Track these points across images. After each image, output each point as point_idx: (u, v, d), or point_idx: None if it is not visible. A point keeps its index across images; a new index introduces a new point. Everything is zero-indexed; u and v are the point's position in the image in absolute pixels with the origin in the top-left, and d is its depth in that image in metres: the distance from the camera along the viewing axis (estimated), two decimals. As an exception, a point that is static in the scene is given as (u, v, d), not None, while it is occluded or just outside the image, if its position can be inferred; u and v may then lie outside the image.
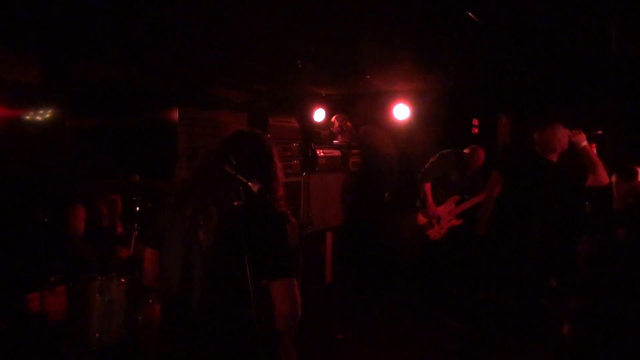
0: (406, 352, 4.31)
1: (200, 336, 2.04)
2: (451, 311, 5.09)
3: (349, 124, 6.40)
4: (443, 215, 5.39)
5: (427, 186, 5.33)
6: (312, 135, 6.16)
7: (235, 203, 1.97)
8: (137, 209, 3.61)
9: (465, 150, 5.34)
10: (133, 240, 3.57)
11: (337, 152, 6.23)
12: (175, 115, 5.22)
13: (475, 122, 6.20)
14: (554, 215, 3.92)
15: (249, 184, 2.00)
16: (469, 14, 2.96)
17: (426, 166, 5.38)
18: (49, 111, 4.02)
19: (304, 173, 5.91)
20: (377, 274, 6.16)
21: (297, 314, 2.05)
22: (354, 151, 6.43)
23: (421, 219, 5.47)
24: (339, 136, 6.47)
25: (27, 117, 3.93)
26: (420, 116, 6.20)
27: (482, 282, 5.26)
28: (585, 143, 3.92)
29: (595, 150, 4.05)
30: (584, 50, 4.03)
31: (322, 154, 6.04)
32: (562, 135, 3.94)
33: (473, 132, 6.18)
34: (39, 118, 3.98)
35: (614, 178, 4.11)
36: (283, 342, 2.16)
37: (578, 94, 5.30)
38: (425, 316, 5.10)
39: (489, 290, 5.19)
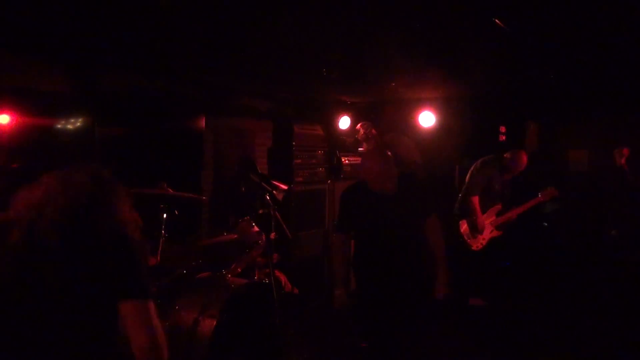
0: (432, 361, 4.25)
1: None
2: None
3: (374, 131, 6.38)
4: (485, 226, 5.30)
5: (475, 199, 5.19)
6: (337, 142, 6.16)
7: (260, 211, 1.91)
8: (164, 216, 3.65)
9: (506, 155, 5.24)
10: (160, 247, 3.61)
11: (362, 160, 6.22)
12: (202, 123, 5.27)
13: (502, 129, 6.12)
14: None
15: (274, 191, 1.95)
16: (496, 20, 2.93)
17: (470, 179, 5.27)
18: (79, 120, 4.10)
19: (329, 180, 5.92)
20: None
21: (161, 349, 1.68)
22: (379, 158, 6.40)
23: (464, 228, 5.37)
24: (364, 143, 6.45)
25: (58, 126, 4.02)
26: (446, 124, 6.14)
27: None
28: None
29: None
30: (614, 56, 3.94)
31: (347, 161, 6.04)
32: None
33: (500, 139, 6.10)
34: (69, 127, 4.06)
35: None
36: None
37: (607, 100, 5.20)
38: (451, 325, 5.03)
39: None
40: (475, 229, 5.23)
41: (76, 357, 1.68)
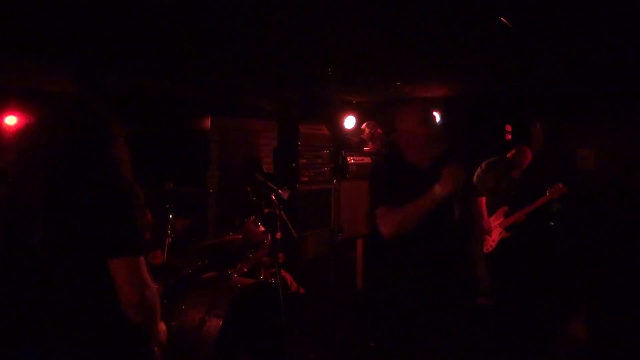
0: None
1: None
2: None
3: (379, 130, 6.38)
4: (494, 227, 5.28)
5: (483, 200, 5.13)
6: (343, 142, 6.15)
7: (266, 210, 1.92)
8: (170, 216, 3.66)
9: (510, 153, 5.22)
10: (167, 247, 3.61)
11: (367, 159, 6.21)
12: (208, 124, 5.29)
13: (508, 128, 6.10)
14: None
15: (280, 191, 1.95)
16: (502, 19, 2.92)
17: (476, 180, 5.25)
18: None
19: (335, 180, 5.91)
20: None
21: (151, 301, 1.66)
22: (385, 158, 6.40)
23: None
24: (370, 143, 6.45)
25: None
26: (452, 123, 6.13)
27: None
28: None
29: None
30: (622, 54, 3.92)
31: (352, 161, 6.03)
32: None
33: (506, 138, 6.08)
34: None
35: None
36: (147, 345, 1.79)
37: (614, 99, 5.17)
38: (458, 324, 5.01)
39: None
40: (483, 231, 5.21)
41: (68, 316, 1.64)
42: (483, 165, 5.26)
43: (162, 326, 1.88)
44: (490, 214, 5.22)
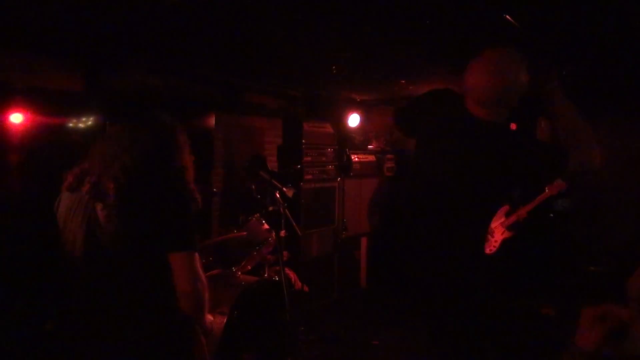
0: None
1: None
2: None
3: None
4: (496, 228, 5.23)
5: None
6: (347, 140, 6.16)
7: (270, 208, 1.99)
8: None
9: None
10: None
11: (371, 157, 6.22)
12: (212, 121, 5.29)
13: (513, 126, 6.08)
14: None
15: (284, 188, 2.01)
16: (507, 17, 2.91)
17: None
18: (91, 118, 4.13)
19: (339, 178, 5.92)
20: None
21: (201, 293, 1.93)
22: (389, 156, 6.40)
23: None
24: (374, 141, 6.45)
25: (70, 125, 4.06)
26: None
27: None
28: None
29: None
30: (626, 53, 3.91)
31: (356, 159, 6.04)
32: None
33: (511, 136, 6.06)
34: (81, 125, 4.10)
35: None
36: (194, 331, 2.07)
37: (619, 98, 5.15)
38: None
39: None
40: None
41: (132, 307, 1.91)
42: None
43: (210, 317, 2.16)
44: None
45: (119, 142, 1.99)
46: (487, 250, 5.22)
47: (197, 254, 1.93)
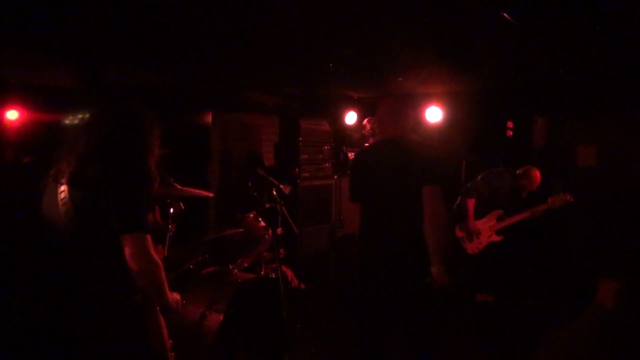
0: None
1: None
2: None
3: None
4: (483, 230, 5.20)
5: (471, 202, 5.12)
6: (344, 138, 6.16)
7: (267, 205, 1.99)
8: (171, 210, 3.66)
9: (518, 171, 5.13)
10: (167, 241, 3.62)
11: (368, 155, 6.21)
12: (209, 118, 5.29)
13: (509, 124, 6.09)
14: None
15: (281, 186, 2.01)
16: (504, 14, 2.91)
17: (473, 182, 5.21)
18: (87, 115, 4.12)
19: (336, 176, 5.92)
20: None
21: (154, 272, 1.96)
22: (386, 154, 6.39)
23: (458, 232, 5.32)
24: (371, 139, 6.43)
25: (66, 122, 4.04)
26: (453, 119, 6.12)
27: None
28: None
29: None
30: (624, 50, 3.91)
31: (353, 156, 6.03)
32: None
33: (508, 134, 6.07)
34: (77, 122, 4.08)
35: None
36: (152, 311, 2.10)
37: (616, 96, 5.16)
38: (453, 322, 5.03)
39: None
40: (468, 232, 5.16)
41: (91, 286, 1.98)
42: (488, 173, 5.19)
43: (175, 295, 2.22)
44: (481, 216, 5.17)
45: (79, 128, 2.09)
46: (469, 250, 5.21)
47: (148, 236, 1.94)
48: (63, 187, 2.00)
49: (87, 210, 1.95)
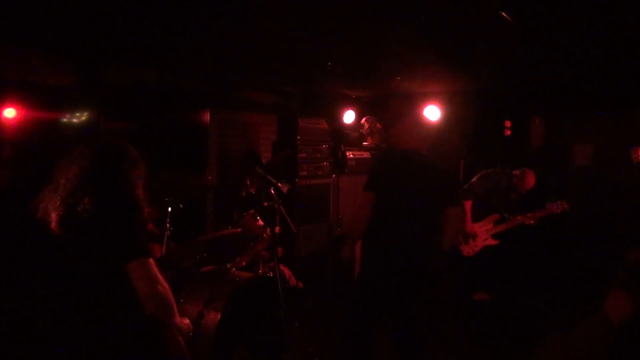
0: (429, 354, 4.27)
1: None
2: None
3: (378, 125, 6.37)
4: (480, 233, 5.18)
5: (468, 204, 5.08)
6: (342, 136, 6.15)
7: (265, 204, 1.99)
8: (169, 209, 3.66)
9: (515, 172, 5.12)
10: (165, 240, 3.62)
11: (366, 154, 6.21)
12: (207, 117, 5.28)
13: (507, 123, 6.10)
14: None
15: (279, 184, 2.01)
16: (502, 13, 2.91)
17: (469, 184, 5.20)
18: (85, 114, 4.12)
19: (334, 175, 5.92)
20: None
21: (163, 295, 1.98)
22: (384, 153, 6.40)
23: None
24: (369, 138, 6.44)
25: (64, 120, 4.04)
26: (451, 118, 6.12)
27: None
28: None
29: None
30: (620, 50, 3.92)
31: (351, 155, 6.03)
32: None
33: (505, 134, 6.07)
34: (75, 120, 4.08)
35: None
36: (170, 333, 2.13)
37: (613, 95, 5.17)
38: (452, 320, 5.04)
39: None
40: (465, 234, 5.13)
41: (99, 316, 1.99)
42: (483, 172, 5.18)
43: (185, 320, 2.27)
44: (478, 220, 5.15)
45: (61, 172, 2.06)
46: (465, 253, 5.19)
47: (151, 260, 1.97)
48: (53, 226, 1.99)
49: (84, 249, 1.97)
